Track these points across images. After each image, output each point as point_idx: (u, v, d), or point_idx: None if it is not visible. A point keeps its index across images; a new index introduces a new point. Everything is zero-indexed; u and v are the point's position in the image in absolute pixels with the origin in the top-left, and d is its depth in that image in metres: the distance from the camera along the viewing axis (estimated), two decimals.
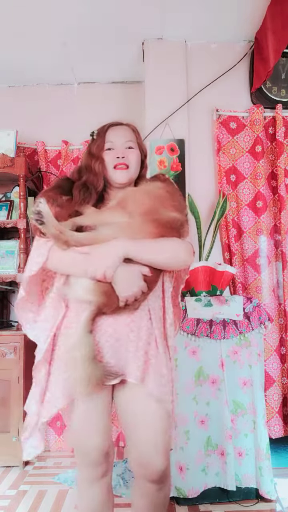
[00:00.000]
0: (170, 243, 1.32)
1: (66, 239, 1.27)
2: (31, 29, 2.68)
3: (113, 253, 1.25)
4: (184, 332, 2.07)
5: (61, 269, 1.32)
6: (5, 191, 3.11)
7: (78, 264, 1.27)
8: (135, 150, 1.44)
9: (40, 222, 1.25)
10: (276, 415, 2.65)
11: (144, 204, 1.31)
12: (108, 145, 1.42)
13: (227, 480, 2.01)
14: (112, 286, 1.25)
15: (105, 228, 1.30)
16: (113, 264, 1.24)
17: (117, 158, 1.40)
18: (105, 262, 1.24)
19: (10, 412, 2.55)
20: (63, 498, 2.16)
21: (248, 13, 2.63)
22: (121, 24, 2.67)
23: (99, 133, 1.46)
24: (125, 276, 1.26)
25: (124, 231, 1.28)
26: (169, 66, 2.84)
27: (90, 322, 1.25)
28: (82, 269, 1.26)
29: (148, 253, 1.28)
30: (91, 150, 1.44)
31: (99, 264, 1.24)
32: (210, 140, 2.88)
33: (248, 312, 2.13)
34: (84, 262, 1.26)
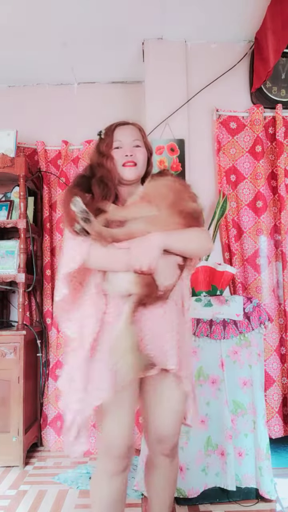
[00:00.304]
0: (196, 232, 1.43)
1: (106, 236, 1.32)
2: (31, 29, 2.68)
3: (155, 245, 1.32)
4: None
5: (103, 265, 1.37)
6: (5, 191, 3.11)
7: (121, 259, 1.33)
8: (142, 148, 1.50)
9: (87, 221, 1.29)
10: (276, 415, 2.65)
11: (168, 197, 1.39)
12: (117, 144, 1.48)
13: (227, 480, 2.01)
14: (153, 277, 1.33)
15: (136, 222, 1.35)
16: (157, 256, 1.32)
17: (126, 156, 1.46)
18: (150, 255, 1.31)
19: (10, 412, 2.55)
20: (63, 498, 2.16)
21: (248, 13, 2.63)
22: (121, 24, 2.67)
23: (106, 133, 1.51)
24: (165, 267, 1.36)
25: (155, 224, 1.35)
26: (169, 66, 2.84)
27: (132, 314, 1.31)
28: (125, 264, 1.32)
29: (181, 243, 1.38)
30: (100, 149, 1.48)
31: (144, 257, 1.30)
32: (210, 140, 2.88)
33: (248, 312, 2.13)
34: (126, 257, 1.32)
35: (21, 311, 2.69)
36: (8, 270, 2.81)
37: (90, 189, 1.41)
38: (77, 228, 1.34)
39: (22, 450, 2.53)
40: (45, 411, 2.95)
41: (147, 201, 1.38)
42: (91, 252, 1.33)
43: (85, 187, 1.42)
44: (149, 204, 1.37)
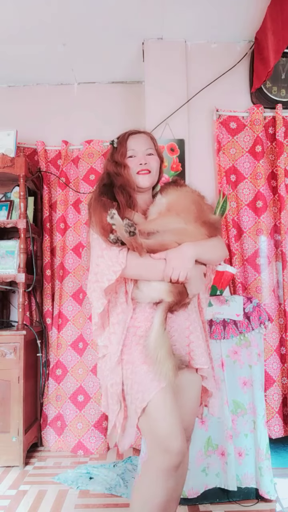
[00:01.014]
0: (217, 242, 1.52)
1: (144, 247, 1.38)
2: (31, 29, 2.68)
3: (190, 256, 1.41)
4: None
5: (140, 274, 1.42)
6: (5, 191, 3.11)
7: (158, 269, 1.40)
8: (154, 156, 1.56)
9: (133, 234, 1.34)
10: (276, 415, 2.65)
11: (192, 209, 1.47)
12: (130, 153, 1.53)
13: (228, 480, 2.01)
14: (184, 286, 1.41)
15: (167, 234, 1.43)
16: (191, 266, 1.40)
17: (140, 164, 1.52)
18: (186, 265, 1.39)
19: (10, 412, 2.55)
20: (63, 498, 2.16)
21: (248, 13, 2.63)
22: (121, 24, 2.67)
23: (120, 142, 1.56)
24: (196, 276, 1.45)
25: (185, 236, 1.43)
26: (169, 66, 2.84)
27: (164, 321, 1.38)
28: (160, 273, 1.40)
29: (208, 253, 1.48)
30: (115, 158, 1.53)
31: (181, 267, 1.38)
32: (210, 140, 2.88)
33: (248, 312, 2.13)
34: (162, 267, 1.39)
35: (21, 311, 2.69)
36: (8, 270, 2.81)
37: (114, 197, 1.47)
38: (111, 238, 1.39)
39: (22, 450, 2.53)
40: (45, 411, 2.95)
41: (175, 214, 1.45)
42: (129, 262, 1.38)
43: (110, 195, 1.47)
44: (177, 216, 1.44)
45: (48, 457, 2.74)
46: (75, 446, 2.81)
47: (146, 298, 1.43)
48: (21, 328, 2.65)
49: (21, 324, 2.66)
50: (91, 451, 2.78)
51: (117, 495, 2.15)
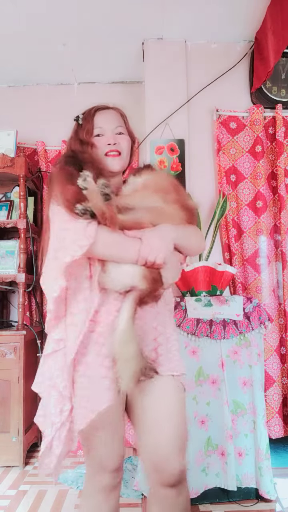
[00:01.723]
0: (195, 230, 1.34)
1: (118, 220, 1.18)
2: (31, 29, 2.68)
3: (169, 238, 1.22)
4: (184, 332, 2.07)
5: (111, 253, 1.19)
6: (5, 191, 3.11)
7: (131, 249, 1.18)
8: (125, 136, 1.37)
9: (108, 198, 1.16)
10: (276, 415, 2.64)
11: (171, 191, 1.30)
12: (98, 131, 1.34)
13: (228, 480, 2.01)
14: (160, 273, 1.21)
15: (143, 212, 1.23)
16: (170, 248, 1.22)
17: (109, 144, 1.32)
18: (164, 246, 1.19)
19: (10, 412, 2.55)
20: (63, 498, 2.16)
21: (248, 13, 2.63)
22: (121, 24, 2.67)
23: (85, 118, 1.37)
24: (173, 262, 1.25)
25: (164, 217, 1.25)
26: (169, 66, 2.84)
27: (134, 314, 1.17)
28: (134, 254, 1.18)
29: (186, 239, 1.28)
30: (80, 136, 1.33)
31: (158, 249, 1.18)
32: (210, 140, 2.88)
33: (248, 312, 2.13)
34: (137, 247, 1.18)
35: (21, 311, 2.69)
36: (8, 270, 2.81)
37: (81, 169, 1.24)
38: (79, 209, 1.16)
39: (22, 450, 2.53)
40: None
41: (153, 191, 1.27)
42: (98, 237, 1.15)
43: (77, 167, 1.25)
44: (155, 195, 1.26)
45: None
46: None
47: (115, 284, 1.19)
48: (21, 328, 2.65)
49: (21, 324, 2.66)
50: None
51: None
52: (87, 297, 1.20)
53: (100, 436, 1.21)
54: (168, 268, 1.22)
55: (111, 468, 1.22)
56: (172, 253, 1.24)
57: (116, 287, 1.20)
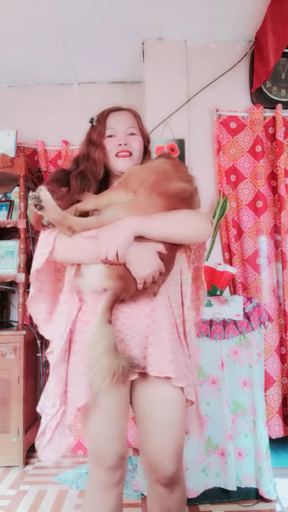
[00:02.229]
0: (184, 214, 1.23)
1: (70, 225, 1.20)
2: (31, 29, 2.68)
3: (123, 231, 1.17)
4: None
5: (70, 257, 1.25)
6: (5, 191, 3.11)
7: (88, 249, 1.19)
8: (137, 136, 1.37)
9: (40, 207, 1.18)
10: (276, 415, 2.64)
11: (148, 178, 1.24)
12: (109, 132, 1.36)
13: (228, 480, 2.01)
14: (128, 268, 1.18)
15: (109, 209, 1.22)
16: (125, 242, 1.16)
17: (119, 145, 1.33)
18: (115, 241, 1.15)
19: (10, 412, 2.55)
20: (63, 498, 2.16)
21: (248, 13, 2.63)
22: (121, 24, 2.67)
23: (99, 119, 1.39)
24: (139, 255, 1.18)
25: (130, 209, 1.20)
26: (169, 66, 2.84)
27: (108, 311, 1.16)
28: (93, 254, 1.18)
29: (162, 226, 1.19)
30: (91, 138, 1.36)
31: (109, 245, 1.15)
32: (210, 140, 2.88)
33: (248, 312, 2.13)
34: (93, 246, 1.18)
35: (21, 311, 2.69)
36: (8, 270, 2.81)
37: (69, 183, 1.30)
38: (44, 221, 1.23)
39: (22, 450, 2.53)
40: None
41: (124, 186, 1.24)
42: (56, 244, 1.21)
43: (64, 181, 1.31)
44: (126, 189, 1.23)
45: None
46: (75, 446, 2.80)
47: (87, 285, 1.22)
48: (21, 328, 2.65)
49: (21, 324, 2.66)
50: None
51: None
52: (68, 299, 1.27)
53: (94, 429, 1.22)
54: (134, 262, 1.17)
55: (107, 465, 1.20)
56: (139, 245, 1.18)
57: (89, 288, 1.22)
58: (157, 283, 1.22)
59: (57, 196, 1.26)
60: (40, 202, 1.19)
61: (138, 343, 1.21)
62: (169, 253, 1.23)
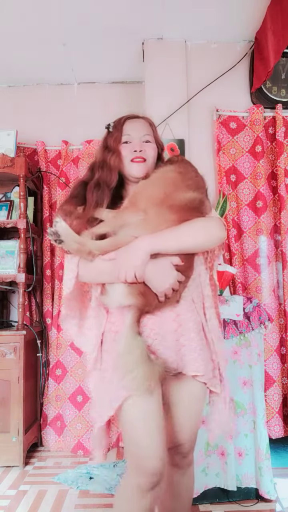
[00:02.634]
0: (196, 223, 1.29)
1: (89, 250, 1.28)
2: (31, 29, 2.68)
3: (138, 251, 1.23)
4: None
5: (94, 279, 1.35)
6: (5, 191, 3.11)
7: (108, 271, 1.28)
8: (152, 144, 1.43)
9: (59, 242, 1.27)
10: (276, 415, 2.64)
11: (154, 194, 1.28)
12: (125, 138, 1.40)
13: (228, 480, 2.01)
14: (145, 285, 1.25)
15: (123, 230, 1.28)
16: (142, 263, 1.23)
17: (135, 151, 1.38)
18: (132, 263, 1.23)
19: (10, 412, 2.55)
20: (63, 498, 2.16)
21: (248, 13, 2.63)
22: (121, 24, 2.67)
23: (115, 126, 1.43)
24: (156, 271, 1.24)
25: (143, 228, 1.25)
26: (169, 66, 2.84)
27: (135, 324, 1.24)
28: (113, 275, 1.26)
29: (174, 241, 1.25)
30: (108, 143, 1.41)
31: (127, 267, 1.23)
32: (210, 140, 2.88)
33: (248, 312, 2.13)
34: (113, 268, 1.26)
35: (21, 311, 2.69)
36: (8, 270, 2.81)
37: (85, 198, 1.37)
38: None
39: (22, 450, 2.53)
40: (45, 411, 2.95)
41: (133, 205, 1.30)
42: (80, 268, 1.32)
43: (81, 197, 1.37)
44: (136, 209, 1.28)
45: (48, 457, 2.74)
46: (75, 446, 2.80)
47: (113, 302, 1.31)
48: (21, 328, 2.65)
49: (21, 324, 2.66)
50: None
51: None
52: (97, 314, 1.36)
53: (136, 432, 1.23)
54: (152, 279, 1.24)
55: (150, 471, 1.19)
56: (154, 262, 1.25)
57: (115, 304, 1.31)
58: (178, 291, 1.29)
59: (74, 216, 1.33)
60: (59, 237, 1.27)
61: (168, 346, 1.28)
62: (186, 262, 1.29)
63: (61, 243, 1.27)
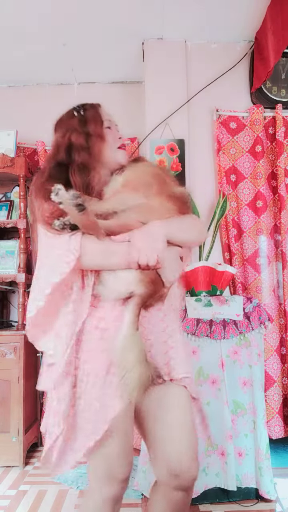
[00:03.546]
0: (192, 220, 1.27)
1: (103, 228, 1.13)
2: (31, 29, 2.68)
3: (159, 235, 1.15)
4: (184, 332, 2.07)
5: (100, 263, 1.15)
6: (5, 191, 3.11)
7: (121, 254, 1.13)
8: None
9: (82, 208, 1.07)
10: (276, 415, 2.64)
11: (152, 183, 1.23)
12: (107, 123, 1.31)
13: (228, 480, 2.01)
14: (158, 273, 1.16)
15: (127, 213, 1.17)
16: (163, 247, 1.15)
17: (119, 138, 1.31)
18: (156, 246, 1.13)
19: (10, 412, 2.55)
20: (63, 498, 2.16)
21: (248, 13, 2.63)
22: (121, 24, 2.67)
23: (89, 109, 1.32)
24: (170, 259, 1.18)
25: (149, 213, 1.18)
26: (169, 66, 2.84)
27: (136, 318, 1.12)
28: (125, 259, 1.13)
29: (182, 232, 1.22)
30: (89, 129, 1.26)
31: (151, 250, 1.12)
32: (210, 140, 2.88)
33: (248, 312, 2.13)
34: (126, 251, 1.12)
35: (21, 311, 2.69)
36: (8, 270, 2.81)
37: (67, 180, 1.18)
38: (56, 225, 1.12)
39: (22, 450, 2.53)
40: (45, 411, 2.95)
41: (132, 189, 1.21)
42: (84, 249, 1.10)
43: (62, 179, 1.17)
44: (135, 192, 1.20)
45: None
46: None
47: (111, 293, 1.15)
48: (21, 328, 2.65)
49: (21, 324, 2.66)
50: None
51: None
52: (76, 308, 1.15)
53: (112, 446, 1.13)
54: (166, 266, 1.16)
55: (121, 478, 1.15)
56: (168, 249, 1.18)
57: (113, 295, 1.16)
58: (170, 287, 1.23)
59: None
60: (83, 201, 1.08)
61: (159, 348, 1.20)
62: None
63: (83, 210, 1.08)
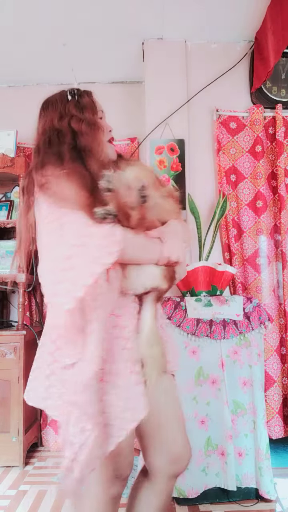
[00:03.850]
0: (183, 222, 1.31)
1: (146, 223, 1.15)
2: (31, 29, 2.68)
3: (181, 234, 1.20)
4: (184, 332, 2.07)
5: (137, 257, 1.13)
6: (5, 191, 3.11)
7: (154, 250, 1.14)
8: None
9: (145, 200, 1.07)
10: (276, 415, 2.64)
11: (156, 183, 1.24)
12: (100, 114, 1.26)
13: (228, 480, 2.01)
14: (174, 270, 1.20)
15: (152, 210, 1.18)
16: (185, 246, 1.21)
17: (110, 131, 1.27)
18: (181, 244, 1.18)
19: (10, 412, 2.55)
20: (63, 498, 2.16)
21: (248, 13, 2.63)
22: (121, 24, 2.67)
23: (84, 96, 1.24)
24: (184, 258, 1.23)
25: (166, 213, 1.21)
26: (169, 66, 2.84)
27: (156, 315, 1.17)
28: (156, 255, 1.14)
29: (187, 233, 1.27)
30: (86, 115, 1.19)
31: (177, 248, 1.16)
32: (210, 140, 2.88)
33: (248, 312, 2.13)
34: (158, 247, 1.14)
35: (21, 311, 2.69)
36: (8, 270, 2.81)
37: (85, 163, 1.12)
38: (99, 213, 1.03)
39: (22, 450, 2.53)
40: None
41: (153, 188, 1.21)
42: (126, 241, 1.05)
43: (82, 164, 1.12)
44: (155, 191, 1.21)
45: (48, 457, 2.74)
46: None
47: (137, 287, 1.14)
48: (21, 328, 2.65)
49: (21, 324, 2.66)
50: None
51: None
52: (103, 303, 1.08)
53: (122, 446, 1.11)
54: (182, 264, 1.21)
55: (125, 476, 1.18)
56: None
57: (137, 290, 1.15)
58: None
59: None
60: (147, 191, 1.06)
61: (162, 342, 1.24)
62: None
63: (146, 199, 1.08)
